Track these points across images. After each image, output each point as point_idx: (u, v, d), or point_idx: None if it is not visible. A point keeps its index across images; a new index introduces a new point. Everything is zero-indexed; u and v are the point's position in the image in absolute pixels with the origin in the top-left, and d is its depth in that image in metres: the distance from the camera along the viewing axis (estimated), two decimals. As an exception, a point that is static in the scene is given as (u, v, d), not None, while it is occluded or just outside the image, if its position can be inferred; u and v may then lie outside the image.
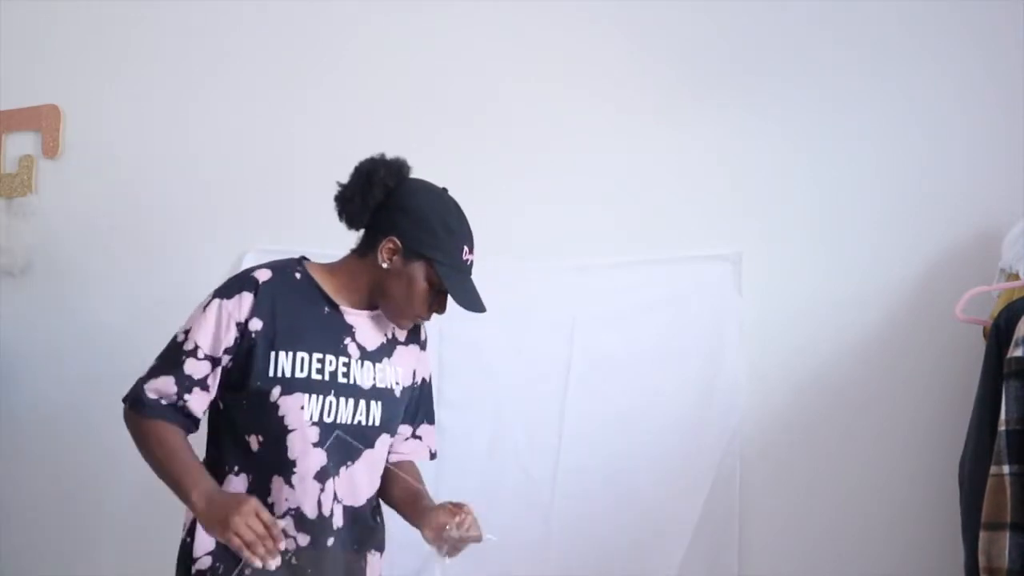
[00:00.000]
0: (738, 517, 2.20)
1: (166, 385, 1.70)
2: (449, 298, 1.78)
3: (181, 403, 1.70)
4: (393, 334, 1.86)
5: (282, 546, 1.59)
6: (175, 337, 1.74)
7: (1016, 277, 1.93)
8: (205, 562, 1.70)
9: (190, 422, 1.74)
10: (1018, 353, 1.70)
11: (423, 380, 1.94)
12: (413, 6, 2.55)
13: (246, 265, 2.45)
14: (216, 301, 1.72)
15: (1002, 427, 1.69)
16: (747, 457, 2.21)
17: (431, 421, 1.95)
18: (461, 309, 1.79)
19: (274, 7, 2.66)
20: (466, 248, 1.77)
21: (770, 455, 2.22)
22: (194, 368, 1.70)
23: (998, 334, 1.81)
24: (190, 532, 1.73)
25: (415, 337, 1.91)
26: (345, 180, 1.79)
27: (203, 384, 1.71)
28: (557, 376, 2.33)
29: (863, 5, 2.27)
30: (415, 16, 2.55)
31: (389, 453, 1.87)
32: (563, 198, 2.39)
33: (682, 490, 2.23)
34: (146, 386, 1.71)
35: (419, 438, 1.93)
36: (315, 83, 2.60)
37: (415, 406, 1.92)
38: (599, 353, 2.32)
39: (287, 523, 1.70)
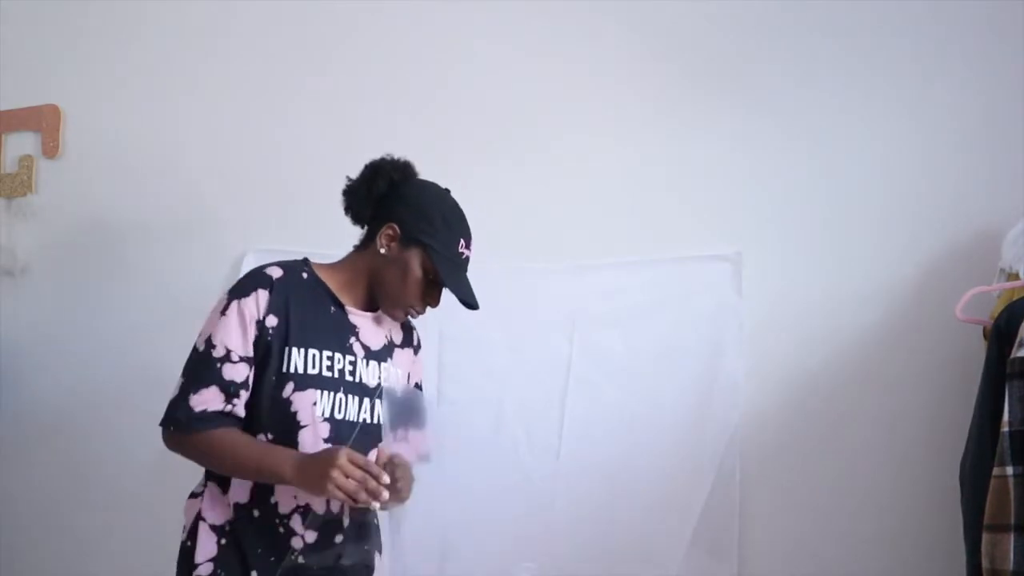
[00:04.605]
0: (738, 517, 2.20)
1: (212, 397, 1.66)
2: (444, 294, 1.79)
3: (229, 408, 1.67)
4: (391, 337, 1.87)
5: (386, 479, 1.57)
6: (196, 348, 1.69)
7: (1016, 277, 1.93)
8: (206, 568, 1.68)
9: (238, 423, 1.70)
10: (1021, 354, 1.69)
11: (416, 385, 1.94)
12: (412, 6, 2.55)
13: (246, 266, 2.46)
14: (234, 303, 1.69)
15: (1005, 428, 1.69)
16: (747, 457, 2.21)
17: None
18: (462, 309, 1.79)
19: (274, 8, 2.65)
20: (463, 242, 1.79)
21: (770, 455, 2.22)
22: (233, 372, 1.67)
23: (998, 334, 1.81)
24: (191, 536, 1.71)
25: (409, 340, 1.92)
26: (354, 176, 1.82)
27: (246, 385, 1.68)
28: (557, 376, 2.33)
29: (863, 5, 2.27)
30: (414, 17, 2.55)
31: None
32: (563, 198, 2.39)
33: (682, 490, 2.22)
34: (190, 403, 1.65)
35: (405, 441, 1.89)
36: (315, 83, 2.60)
37: None
38: (599, 353, 2.32)
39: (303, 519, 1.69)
